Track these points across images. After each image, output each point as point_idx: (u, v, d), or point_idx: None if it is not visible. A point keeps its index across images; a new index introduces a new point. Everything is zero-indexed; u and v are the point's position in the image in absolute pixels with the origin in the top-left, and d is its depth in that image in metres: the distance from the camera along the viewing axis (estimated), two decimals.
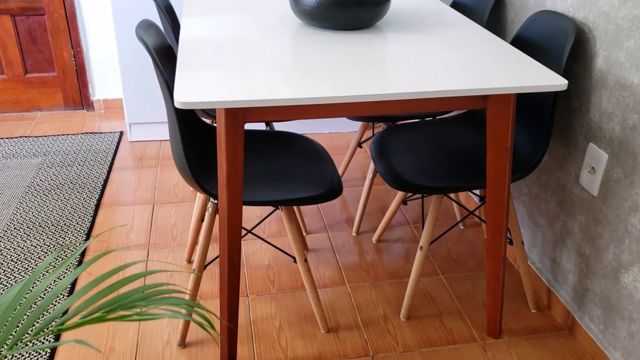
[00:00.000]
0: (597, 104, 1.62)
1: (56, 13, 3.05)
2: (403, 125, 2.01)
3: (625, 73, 1.49)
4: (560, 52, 1.65)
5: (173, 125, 1.49)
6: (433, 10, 1.99)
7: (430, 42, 1.66)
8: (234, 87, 1.30)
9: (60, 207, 2.37)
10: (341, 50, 1.57)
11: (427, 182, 1.67)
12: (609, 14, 1.53)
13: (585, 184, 1.68)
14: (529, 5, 1.91)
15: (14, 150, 2.82)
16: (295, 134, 1.90)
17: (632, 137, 1.48)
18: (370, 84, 1.34)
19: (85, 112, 3.30)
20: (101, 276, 0.88)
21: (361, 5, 1.68)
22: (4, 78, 3.16)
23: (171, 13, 2.06)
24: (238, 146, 1.35)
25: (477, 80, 1.37)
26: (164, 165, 2.76)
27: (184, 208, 2.42)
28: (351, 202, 2.50)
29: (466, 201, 2.48)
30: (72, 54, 3.16)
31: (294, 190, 1.59)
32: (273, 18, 1.86)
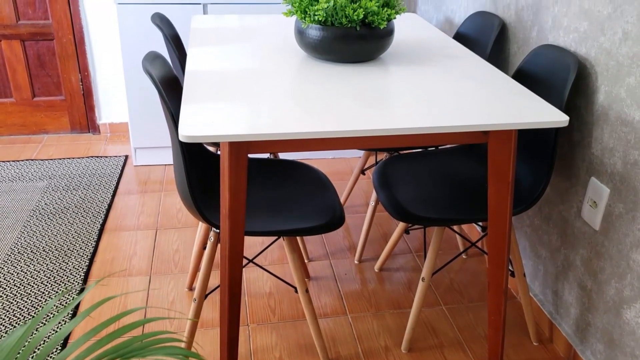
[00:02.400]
0: (598, 138, 1.63)
1: (65, 38, 3.10)
2: (406, 155, 2.02)
3: (627, 109, 1.50)
4: (562, 86, 1.66)
5: (177, 155, 1.50)
6: (436, 43, 2.02)
7: (433, 75, 1.67)
8: (238, 120, 1.31)
9: (64, 231, 2.38)
10: (345, 83, 1.59)
11: (429, 213, 1.67)
12: (610, 50, 1.55)
13: (587, 217, 1.68)
14: (532, 39, 1.93)
15: (20, 173, 2.84)
16: (297, 162, 1.91)
17: (634, 173, 1.49)
18: (373, 118, 1.35)
19: (92, 136, 3.33)
20: (100, 324, 0.89)
21: (364, 38, 1.70)
22: (12, 101, 3.20)
23: (177, 42, 2.09)
24: (241, 177, 1.37)
25: (479, 116, 1.39)
26: (168, 190, 2.78)
27: (187, 234, 2.43)
28: (354, 228, 2.50)
29: (469, 230, 2.48)
30: (79, 78, 3.20)
31: (295, 221, 1.59)
32: (278, 50, 1.89)
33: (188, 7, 2.69)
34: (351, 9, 1.66)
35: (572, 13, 1.71)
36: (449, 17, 2.59)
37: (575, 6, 1.69)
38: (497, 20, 2.09)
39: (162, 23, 2.02)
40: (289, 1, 1.75)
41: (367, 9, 1.66)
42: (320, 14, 1.66)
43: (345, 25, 1.68)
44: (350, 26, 1.68)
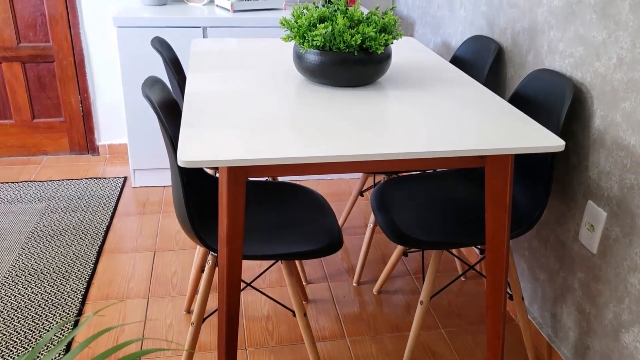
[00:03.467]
0: (595, 162, 1.64)
1: (65, 60, 3.12)
2: (404, 177, 2.03)
3: (622, 134, 1.51)
4: (558, 110, 1.68)
5: (176, 179, 1.51)
6: (433, 67, 2.03)
7: (430, 99, 1.69)
8: (237, 145, 1.32)
9: (62, 253, 2.38)
10: (343, 107, 1.60)
11: (427, 236, 1.68)
12: (605, 75, 1.57)
13: (584, 241, 1.68)
14: (528, 63, 1.95)
15: (18, 195, 2.84)
16: (296, 184, 1.92)
17: (630, 197, 1.49)
18: (371, 143, 1.36)
19: (91, 157, 3.34)
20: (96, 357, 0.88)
21: (362, 63, 1.72)
22: (12, 123, 3.22)
23: (177, 65, 2.11)
24: (239, 202, 1.37)
25: (475, 141, 1.40)
26: (166, 211, 2.78)
27: (185, 256, 2.42)
28: (352, 250, 2.50)
29: (468, 252, 2.48)
30: (79, 100, 3.22)
31: (293, 244, 1.60)
32: (277, 74, 1.91)
33: (188, 31, 2.71)
34: (349, 35, 1.68)
35: (568, 38, 1.73)
36: (446, 40, 2.62)
37: (571, 31, 1.71)
38: (494, 44, 2.12)
39: (162, 47, 2.04)
40: (287, 26, 1.77)
41: (365, 34, 1.68)
42: (319, 39, 1.68)
43: (343, 50, 1.70)
44: (348, 51, 1.70)
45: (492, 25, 2.19)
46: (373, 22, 1.74)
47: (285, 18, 1.77)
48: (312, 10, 1.78)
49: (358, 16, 1.75)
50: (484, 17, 2.24)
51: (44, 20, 3.04)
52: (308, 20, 1.73)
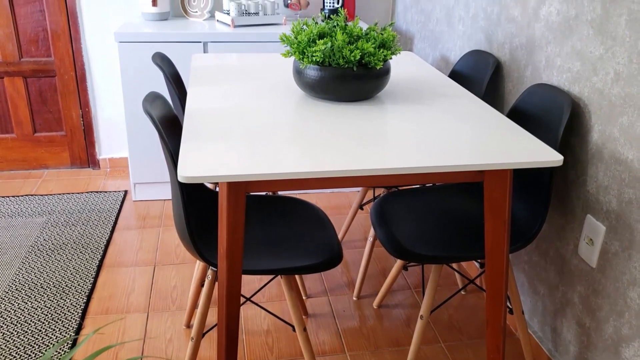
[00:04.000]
0: (593, 176, 1.64)
1: (67, 75, 3.14)
2: (404, 190, 2.03)
3: (620, 148, 1.52)
4: (556, 125, 1.69)
5: (176, 195, 1.51)
6: (432, 81, 2.05)
7: (429, 114, 1.70)
8: (237, 160, 1.33)
9: (62, 267, 2.38)
10: (342, 122, 1.61)
11: (427, 251, 1.68)
12: (603, 90, 1.58)
13: (583, 255, 1.69)
14: (526, 78, 1.97)
15: (19, 208, 2.85)
16: (295, 198, 1.92)
17: (629, 211, 1.50)
18: (370, 158, 1.37)
19: (91, 171, 3.35)
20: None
21: (361, 78, 1.73)
22: (13, 137, 3.23)
23: (178, 80, 2.13)
24: (239, 217, 1.38)
25: (474, 155, 1.40)
26: (166, 225, 2.78)
27: (185, 270, 2.43)
28: (352, 264, 2.50)
29: (468, 265, 2.48)
30: (80, 114, 3.24)
31: (293, 259, 1.60)
32: (277, 88, 1.92)
33: (188, 45, 2.73)
34: (348, 50, 1.69)
35: (565, 53, 1.74)
36: (445, 55, 2.64)
37: (568, 47, 1.72)
38: (492, 58, 2.13)
39: (163, 62, 2.05)
40: (287, 42, 1.78)
41: (364, 50, 1.70)
42: (318, 55, 1.69)
43: (343, 66, 1.71)
44: (347, 66, 1.71)
45: (490, 40, 2.21)
46: (372, 38, 1.76)
47: (285, 34, 1.78)
48: (312, 26, 1.80)
49: (357, 32, 1.77)
50: (482, 32, 2.26)
51: (46, 35, 3.06)
52: (308, 36, 1.75)
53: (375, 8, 3.35)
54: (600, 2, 1.57)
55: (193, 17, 3.07)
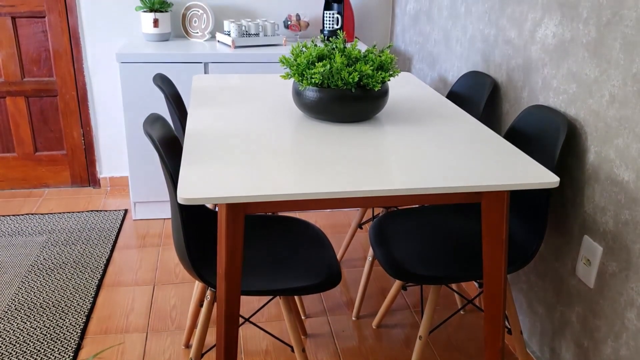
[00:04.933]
0: (590, 197, 1.66)
1: (68, 95, 3.17)
2: (403, 210, 2.04)
3: (616, 170, 1.53)
4: (553, 146, 1.70)
5: (175, 216, 1.53)
6: (430, 102, 2.07)
7: (427, 135, 1.72)
8: (236, 181, 1.34)
9: (62, 287, 2.38)
10: (341, 143, 1.63)
11: (425, 271, 1.69)
12: (599, 112, 1.60)
13: (581, 275, 1.69)
14: (523, 99, 1.99)
15: (19, 227, 2.86)
16: (294, 218, 1.93)
17: (625, 232, 1.51)
18: (368, 179, 1.38)
19: (92, 189, 3.37)
20: None
21: (360, 100, 1.75)
22: (15, 156, 3.25)
23: (178, 100, 2.15)
24: (238, 238, 1.39)
25: (471, 177, 1.42)
26: (166, 244, 2.79)
27: (184, 289, 2.43)
28: (352, 283, 2.50)
29: (467, 284, 2.48)
30: (81, 134, 3.26)
31: (291, 280, 1.61)
32: (276, 109, 1.94)
33: (189, 66, 2.76)
34: (347, 73, 1.71)
35: (561, 75, 1.76)
36: (443, 75, 2.66)
37: (564, 69, 1.75)
38: (489, 80, 2.15)
39: (163, 83, 2.07)
40: (287, 64, 1.80)
41: (362, 72, 1.72)
42: (317, 77, 1.72)
43: (341, 88, 1.74)
44: (345, 88, 1.73)
45: (487, 62, 2.23)
46: (370, 60, 1.78)
47: (284, 56, 1.81)
48: (311, 48, 1.82)
49: (355, 54, 1.79)
50: (480, 54, 2.29)
51: (48, 55, 3.09)
52: (307, 59, 1.77)
53: (374, 29, 3.39)
54: (595, 25, 1.60)
55: (194, 38, 3.11)
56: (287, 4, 3.23)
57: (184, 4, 3.13)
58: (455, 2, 2.50)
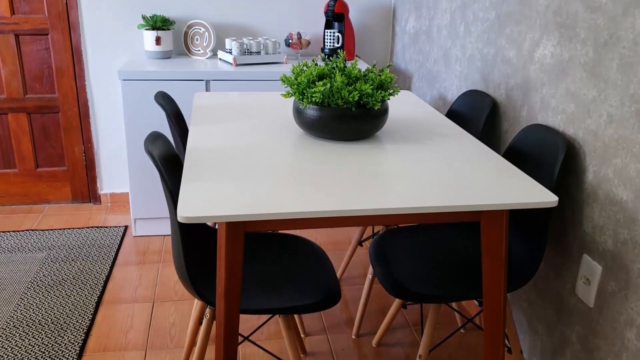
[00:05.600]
0: (589, 216, 1.66)
1: (70, 111, 3.19)
2: (403, 228, 2.05)
3: (615, 189, 1.54)
4: (552, 165, 1.71)
5: (175, 234, 1.53)
6: (430, 121, 2.08)
7: (426, 153, 1.72)
8: (236, 200, 1.35)
9: (61, 303, 2.38)
10: (341, 161, 1.64)
11: (425, 290, 1.69)
12: (597, 132, 1.61)
13: (581, 294, 1.69)
14: (522, 118, 2.00)
15: (19, 244, 2.86)
16: (294, 235, 1.94)
17: (624, 252, 1.51)
18: (368, 198, 1.39)
19: (92, 206, 3.37)
20: None
21: (360, 118, 1.76)
22: (16, 172, 3.26)
23: (179, 118, 2.16)
24: (237, 256, 1.39)
25: (471, 196, 1.42)
26: (166, 260, 2.79)
27: (184, 306, 2.42)
28: (352, 301, 2.50)
29: (467, 302, 2.47)
30: (82, 150, 3.27)
31: (290, 298, 1.60)
32: (277, 127, 1.95)
33: (191, 83, 2.78)
34: (347, 92, 1.73)
35: (560, 95, 1.78)
36: (442, 94, 2.68)
37: (562, 89, 1.76)
38: (489, 99, 2.17)
39: (165, 101, 2.09)
40: (288, 83, 1.82)
41: (362, 91, 1.73)
42: (318, 96, 1.73)
43: (341, 106, 1.75)
44: (346, 107, 1.75)
45: (486, 81, 2.25)
46: (370, 80, 1.79)
47: (285, 75, 1.82)
48: (312, 67, 1.84)
49: (356, 73, 1.81)
50: (479, 73, 2.31)
51: (51, 72, 3.12)
52: (307, 78, 1.79)
53: (375, 47, 3.42)
54: (593, 46, 1.61)
55: (196, 56, 3.13)
56: (288, 22, 3.26)
57: (186, 22, 3.16)
58: (454, 21, 2.52)
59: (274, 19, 3.24)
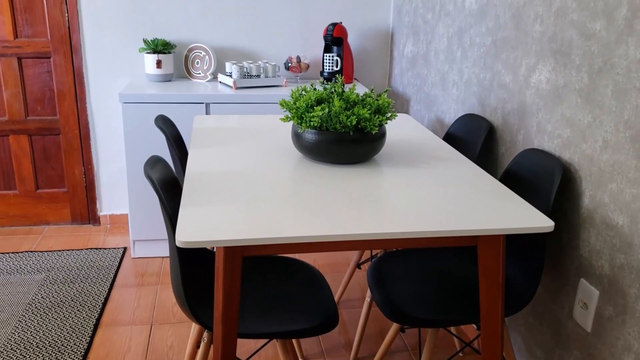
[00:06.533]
0: (586, 240, 1.67)
1: (71, 133, 3.21)
2: (401, 251, 2.05)
3: (610, 214, 1.55)
4: (548, 189, 1.72)
5: (174, 258, 1.54)
6: (427, 144, 2.10)
7: (424, 177, 1.74)
8: (234, 224, 1.36)
9: (59, 326, 2.37)
10: (339, 184, 1.65)
11: (424, 314, 1.69)
12: (592, 157, 1.62)
13: (578, 319, 1.69)
14: (518, 142, 2.02)
15: (18, 265, 2.86)
16: (291, 258, 1.94)
17: (621, 276, 1.52)
18: (366, 222, 1.40)
19: (92, 227, 3.38)
20: None
21: (357, 142, 1.78)
22: (16, 193, 3.27)
23: (179, 141, 2.18)
24: (235, 281, 1.40)
25: (468, 221, 1.43)
26: (164, 282, 2.79)
27: (182, 329, 2.42)
28: (350, 323, 2.49)
29: (466, 326, 2.47)
30: (82, 171, 3.29)
31: (288, 322, 1.61)
32: (275, 150, 1.97)
33: (191, 106, 2.81)
34: (345, 116, 1.75)
35: (555, 120, 1.79)
36: (440, 117, 2.71)
37: (558, 114, 1.78)
38: (485, 122, 2.19)
39: (165, 125, 2.11)
40: (287, 107, 1.84)
41: (360, 115, 1.75)
42: (316, 120, 1.75)
43: (339, 130, 1.77)
44: (344, 131, 1.76)
45: (483, 105, 2.27)
46: (368, 104, 1.81)
47: (284, 100, 1.84)
48: (310, 92, 1.86)
49: (353, 98, 1.83)
50: (476, 97, 2.33)
51: (52, 94, 3.14)
52: (306, 102, 1.81)
53: (373, 71, 3.45)
54: (587, 72, 1.64)
55: (196, 79, 3.16)
56: (288, 46, 3.30)
57: (187, 45, 3.20)
58: (451, 46, 2.55)
59: (273, 43, 3.28)
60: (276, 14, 3.23)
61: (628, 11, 1.47)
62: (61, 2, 3.01)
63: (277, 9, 3.23)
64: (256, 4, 3.20)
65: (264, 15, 3.23)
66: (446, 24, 2.60)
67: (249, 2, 3.19)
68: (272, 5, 3.22)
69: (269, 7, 3.22)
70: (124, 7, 3.08)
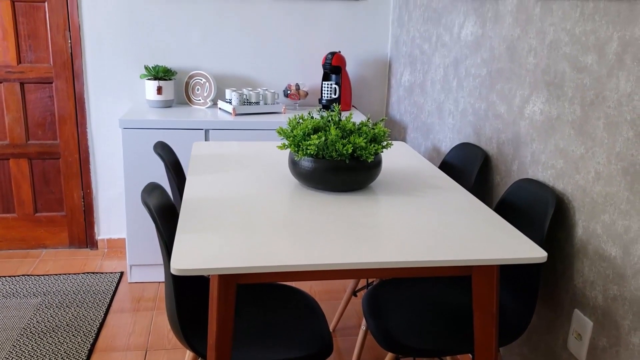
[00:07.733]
0: (579, 271, 1.68)
1: (71, 157, 3.23)
2: (396, 279, 2.05)
3: (604, 245, 1.56)
4: (542, 220, 1.74)
5: (168, 284, 1.54)
6: (423, 173, 2.12)
7: (419, 206, 1.75)
8: (229, 252, 1.37)
9: (53, 351, 2.37)
10: (334, 212, 1.66)
11: (419, 344, 1.68)
12: (585, 188, 1.64)
13: (573, 349, 1.69)
14: (513, 172, 2.04)
15: (14, 289, 2.86)
16: (287, 286, 1.94)
17: (615, 308, 1.52)
18: (361, 251, 1.41)
19: (89, 251, 3.38)
20: None
21: (353, 170, 1.80)
22: (14, 217, 3.28)
23: (178, 168, 2.20)
24: (229, 309, 1.40)
25: (462, 251, 1.44)
26: (160, 307, 2.78)
27: (176, 355, 2.41)
28: (346, 352, 2.48)
29: (462, 356, 2.46)
30: (81, 195, 3.30)
31: (282, 351, 1.60)
32: (272, 178, 1.98)
33: (191, 132, 2.83)
34: (341, 144, 1.77)
35: (549, 151, 1.82)
36: (436, 145, 2.73)
37: (552, 145, 1.80)
38: (481, 152, 2.21)
39: (163, 151, 2.13)
40: (284, 135, 1.86)
41: (356, 144, 1.77)
42: (313, 148, 1.77)
43: (336, 158, 1.79)
44: (340, 159, 1.79)
45: (478, 134, 2.30)
46: (364, 133, 1.84)
47: (282, 128, 1.87)
48: (307, 120, 1.88)
49: (350, 127, 1.85)
50: (471, 126, 2.36)
51: (53, 119, 3.18)
52: (303, 130, 1.83)
53: (371, 99, 3.49)
54: (580, 104, 1.66)
55: (196, 105, 3.20)
56: (287, 74, 3.34)
57: (188, 72, 3.24)
58: (447, 76, 2.59)
59: (273, 71, 3.32)
60: (276, 42, 3.28)
61: (618, 46, 1.50)
62: (64, 29, 3.06)
63: (277, 38, 3.28)
64: (256, 32, 3.25)
65: (264, 43, 3.28)
66: (442, 55, 2.64)
67: (249, 30, 3.24)
68: (272, 33, 3.27)
69: (269, 36, 3.27)
70: (126, 34, 3.13)
